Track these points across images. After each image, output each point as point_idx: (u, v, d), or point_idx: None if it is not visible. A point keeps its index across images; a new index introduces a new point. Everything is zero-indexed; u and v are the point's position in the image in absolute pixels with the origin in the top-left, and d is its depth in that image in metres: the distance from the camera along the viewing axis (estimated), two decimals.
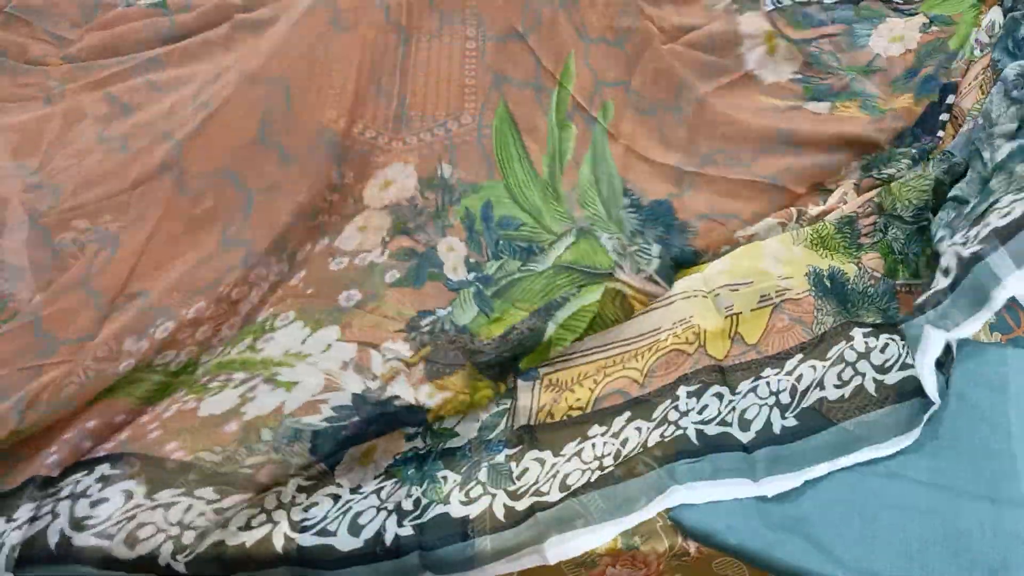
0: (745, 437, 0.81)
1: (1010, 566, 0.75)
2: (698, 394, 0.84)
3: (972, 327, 0.80)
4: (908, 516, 0.77)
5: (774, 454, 0.80)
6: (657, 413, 0.83)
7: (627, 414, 0.83)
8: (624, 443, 0.81)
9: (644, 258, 0.87)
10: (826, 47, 1.16)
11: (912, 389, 0.82)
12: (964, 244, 0.84)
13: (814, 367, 0.85)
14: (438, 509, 0.75)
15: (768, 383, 0.84)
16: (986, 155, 1.04)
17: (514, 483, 0.77)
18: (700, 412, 0.83)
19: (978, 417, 0.84)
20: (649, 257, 0.88)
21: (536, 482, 0.78)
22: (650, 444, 0.80)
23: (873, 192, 1.03)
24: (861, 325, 0.88)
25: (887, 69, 1.15)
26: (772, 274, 0.92)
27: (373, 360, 0.82)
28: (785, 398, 0.83)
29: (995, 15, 1.20)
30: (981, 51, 1.18)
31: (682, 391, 0.84)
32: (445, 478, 0.78)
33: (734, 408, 0.83)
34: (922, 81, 1.10)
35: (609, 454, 0.80)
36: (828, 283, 0.92)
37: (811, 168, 0.98)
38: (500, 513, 0.75)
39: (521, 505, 0.75)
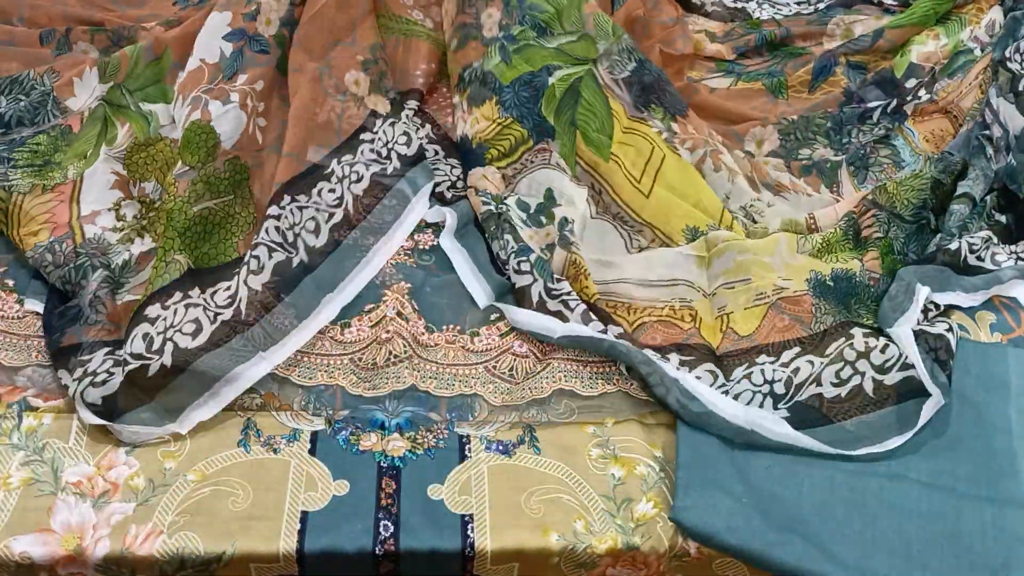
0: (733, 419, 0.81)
1: (1011, 567, 0.75)
2: (691, 365, 0.85)
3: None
4: (909, 517, 0.77)
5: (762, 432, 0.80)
6: (644, 370, 0.84)
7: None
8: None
9: (619, 67, 1.09)
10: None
11: (911, 390, 0.82)
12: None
13: (812, 362, 0.85)
14: None
15: (763, 371, 0.85)
16: (989, 151, 1.04)
17: None
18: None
19: (979, 417, 0.84)
20: (623, 67, 1.09)
21: None
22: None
23: (867, 192, 1.03)
24: (861, 326, 0.88)
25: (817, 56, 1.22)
26: (773, 274, 0.92)
27: None
28: (779, 388, 0.84)
29: (995, 14, 1.20)
30: (982, 51, 1.17)
31: (674, 357, 0.85)
32: None
33: (727, 392, 0.83)
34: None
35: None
36: (831, 283, 0.92)
37: None
38: None
39: None
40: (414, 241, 0.98)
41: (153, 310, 0.85)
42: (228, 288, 0.88)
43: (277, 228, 0.92)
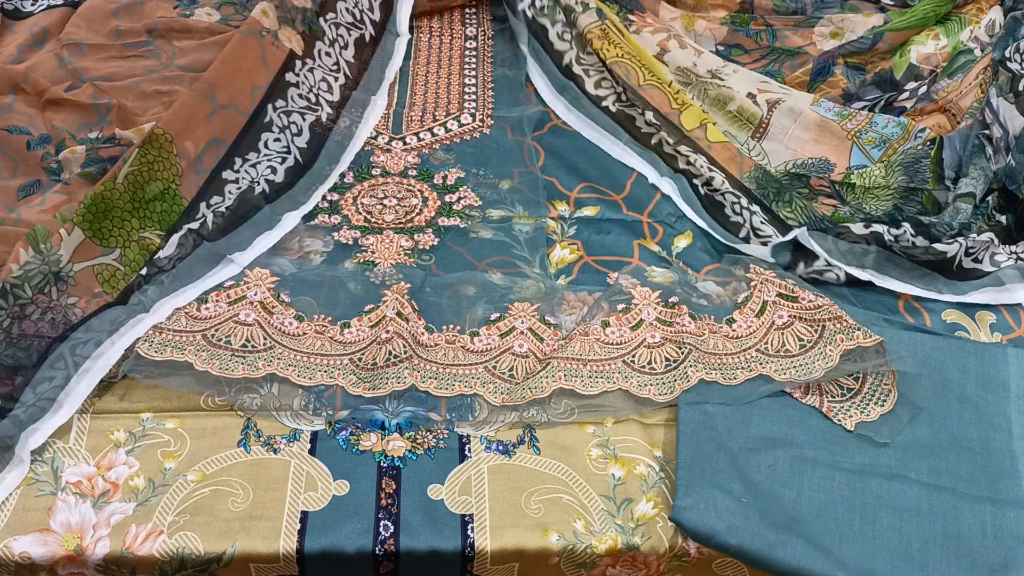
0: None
1: (1011, 567, 0.75)
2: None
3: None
4: (908, 517, 0.77)
5: None
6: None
7: None
8: None
9: None
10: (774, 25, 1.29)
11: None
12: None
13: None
14: None
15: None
16: (989, 151, 1.04)
17: None
18: None
19: (979, 417, 0.84)
20: None
21: None
22: None
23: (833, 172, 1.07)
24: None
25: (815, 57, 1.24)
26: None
27: None
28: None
29: (995, 14, 1.20)
30: (982, 51, 1.17)
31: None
32: None
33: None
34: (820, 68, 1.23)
35: None
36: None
37: None
38: None
39: None
40: (414, 241, 0.99)
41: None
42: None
43: None
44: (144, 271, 0.90)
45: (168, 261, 0.91)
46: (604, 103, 1.15)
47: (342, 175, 1.06)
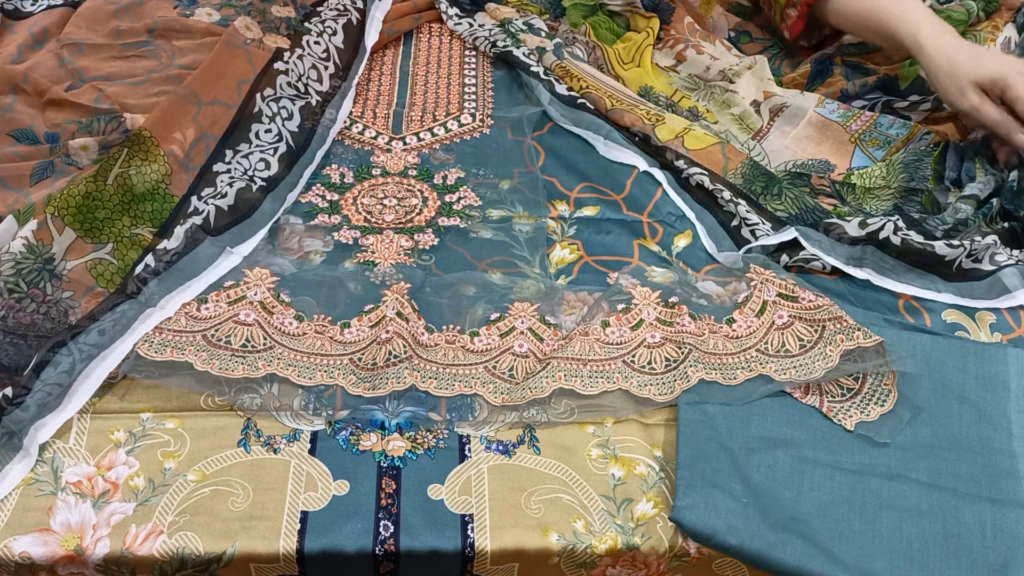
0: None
1: (1011, 567, 0.75)
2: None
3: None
4: (908, 517, 0.77)
5: None
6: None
7: None
8: None
9: None
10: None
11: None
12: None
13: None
14: None
15: None
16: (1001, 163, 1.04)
17: None
18: None
19: (978, 417, 0.84)
20: None
21: None
22: None
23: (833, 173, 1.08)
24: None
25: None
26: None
27: None
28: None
29: (1010, 32, 1.20)
30: None
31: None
32: None
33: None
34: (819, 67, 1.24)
35: None
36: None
37: None
38: None
39: None
40: (414, 241, 0.99)
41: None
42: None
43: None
44: (149, 261, 0.90)
45: (167, 253, 0.91)
46: (580, 100, 1.15)
47: (342, 175, 1.07)
